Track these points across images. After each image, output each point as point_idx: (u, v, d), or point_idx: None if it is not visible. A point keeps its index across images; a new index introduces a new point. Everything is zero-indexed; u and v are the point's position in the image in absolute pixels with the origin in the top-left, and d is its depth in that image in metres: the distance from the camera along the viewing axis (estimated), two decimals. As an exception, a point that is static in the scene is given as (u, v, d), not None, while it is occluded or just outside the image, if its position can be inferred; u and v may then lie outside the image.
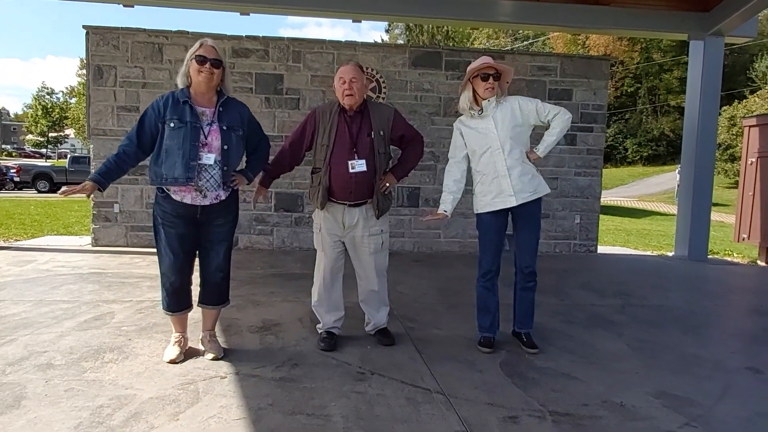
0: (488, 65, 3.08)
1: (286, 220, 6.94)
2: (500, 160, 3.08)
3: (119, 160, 2.73)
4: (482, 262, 3.24)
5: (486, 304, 3.25)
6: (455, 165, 3.26)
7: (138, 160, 2.79)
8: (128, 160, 2.75)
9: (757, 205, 7.33)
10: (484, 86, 3.08)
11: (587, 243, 7.53)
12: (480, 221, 3.25)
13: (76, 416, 2.19)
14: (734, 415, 2.46)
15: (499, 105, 3.14)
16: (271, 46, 6.79)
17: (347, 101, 3.00)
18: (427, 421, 2.28)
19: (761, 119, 7.63)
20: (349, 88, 2.97)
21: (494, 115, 3.11)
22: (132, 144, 2.73)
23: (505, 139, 3.08)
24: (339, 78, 3.02)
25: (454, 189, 3.24)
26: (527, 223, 3.18)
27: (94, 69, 6.55)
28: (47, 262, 5.45)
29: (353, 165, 2.98)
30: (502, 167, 3.08)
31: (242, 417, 2.24)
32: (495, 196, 3.12)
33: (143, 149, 2.75)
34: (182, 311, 2.94)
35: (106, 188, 2.77)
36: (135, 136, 2.73)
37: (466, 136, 3.20)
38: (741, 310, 4.80)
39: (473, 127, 3.17)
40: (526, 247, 3.20)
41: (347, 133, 3.01)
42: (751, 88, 34.61)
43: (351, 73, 2.98)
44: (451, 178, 3.26)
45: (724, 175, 26.88)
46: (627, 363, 3.10)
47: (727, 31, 7.11)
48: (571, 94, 7.30)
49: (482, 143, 3.12)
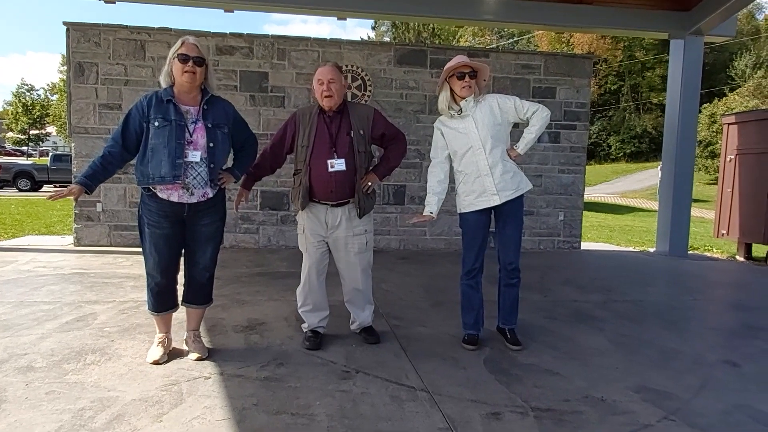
0: (463, 64, 3.10)
1: (272, 218, 6.91)
2: (482, 159, 3.10)
3: (105, 162, 2.70)
4: (465, 261, 3.27)
5: (470, 302, 3.28)
6: (438, 166, 3.27)
7: (124, 161, 2.76)
8: (114, 162, 2.72)
9: (735, 202, 7.47)
10: (461, 85, 3.10)
11: (571, 239, 7.62)
12: (463, 221, 3.27)
13: (57, 419, 2.16)
14: (712, 408, 2.51)
15: (478, 104, 3.16)
16: (255, 43, 6.75)
17: (326, 102, 3.01)
18: (411, 418, 2.30)
19: (740, 117, 7.77)
20: (327, 89, 2.98)
21: (474, 115, 3.13)
22: (117, 145, 2.71)
23: (486, 138, 3.09)
24: (317, 80, 3.02)
25: (438, 190, 3.25)
26: (510, 220, 3.20)
27: (75, 66, 6.45)
28: (28, 262, 5.37)
29: (332, 164, 2.99)
30: (484, 166, 3.10)
31: (226, 417, 2.24)
32: (478, 195, 3.14)
33: (128, 150, 2.73)
34: (168, 311, 2.93)
35: (94, 191, 2.73)
36: (120, 137, 2.71)
37: (447, 136, 3.21)
38: (720, 305, 4.90)
39: (453, 127, 3.18)
40: (510, 243, 3.23)
41: (327, 133, 3.03)
42: (731, 86, 35.25)
43: (329, 74, 2.99)
44: (434, 179, 3.26)
45: (704, 171, 27.33)
46: (608, 358, 3.16)
47: (707, 30, 7.23)
48: (554, 92, 7.37)
49: (463, 143, 3.14)
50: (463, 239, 3.30)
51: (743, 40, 37.01)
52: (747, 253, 7.50)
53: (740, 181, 7.40)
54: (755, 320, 4.16)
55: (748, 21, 41.59)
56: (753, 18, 43.20)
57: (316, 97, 3.07)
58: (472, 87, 3.11)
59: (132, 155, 2.75)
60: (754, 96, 29.81)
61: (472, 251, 3.24)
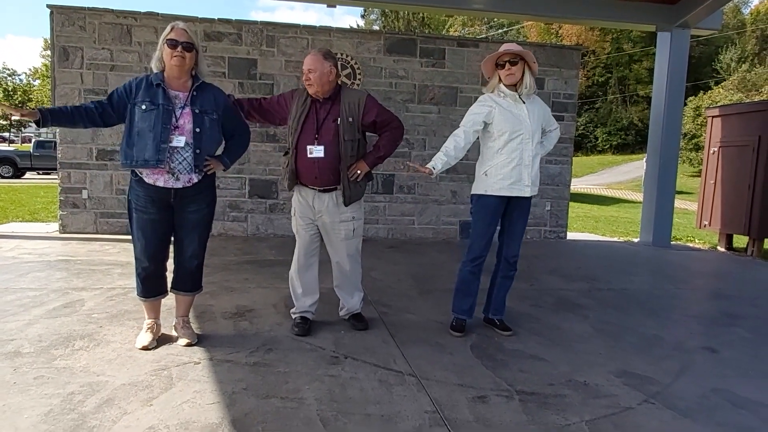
0: (502, 53, 3.12)
1: (261, 206, 6.89)
2: (528, 149, 3.12)
3: (76, 108, 2.70)
4: (474, 247, 3.24)
5: (468, 288, 3.29)
6: (464, 134, 3.12)
7: (93, 121, 2.73)
8: (86, 113, 2.70)
9: (718, 193, 7.60)
10: (504, 74, 3.12)
11: (557, 230, 7.71)
12: (483, 203, 3.20)
13: (46, 403, 2.17)
14: (690, 392, 2.59)
15: (530, 97, 3.19)
16: (244, 29, 6.68)
17: (310, 90, 3.06)
18: (399, 402, 2.35)
19: (723, 110, 7.89)
20: (306, 78, 3.02)
21: (528, 105, 3.15)
22: (100, 104, 2.72)
23: (536, 130, 3.14)
24: (303, 69, 3.06)
25: (452, 154, 3.11)
26: (523, 215, 3.27)
27: (60, 50, 6.33)
28: (12, 249, 5.31)
29: (311, 150, 3.01)
30: (528, 157, 3.12)
31: (216, 401, 2.26)
32: (513, 182, 3.12)
33: (106, 114, 2.73)
34: (156, 297, 2.93)
35: (46, 123, 2.65)
36: (107, 101, 2.74)
37: (498, 114, 3.11)
38: (701, 294, 5.01)
39: (507, 107, 3.12)
40: (517, 237, 3.29)
41: (314, 119, 3.05)
42: (716, 79, 35.68)
43: (308, 63, 3.01)
44: (454, 144, 3.11)
45: (689, 164, 27.70)
46: (591, 344, 3.23)
47: (693, 23, 7.30)
48: (542, 83, 7.40)
49: (515, 127, 3.09)
50: (475, 224, 3.24)
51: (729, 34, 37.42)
52: (728, 244, 7.66)
53: (723, 173, 7.53)
54: (734, 308, 4.27)
55: (734, 15, 42.02)
56: (739, 12, 43.67)
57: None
58: (515, 74, 3.10)
59: (104, 121, 2.75)
60: (739, 89, 30.23)
61: (484, 238, 3.23)
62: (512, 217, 3.26)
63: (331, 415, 2.19)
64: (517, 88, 3.15)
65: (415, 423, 2.17)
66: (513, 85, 3.15)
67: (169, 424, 2.07)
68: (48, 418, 2.06)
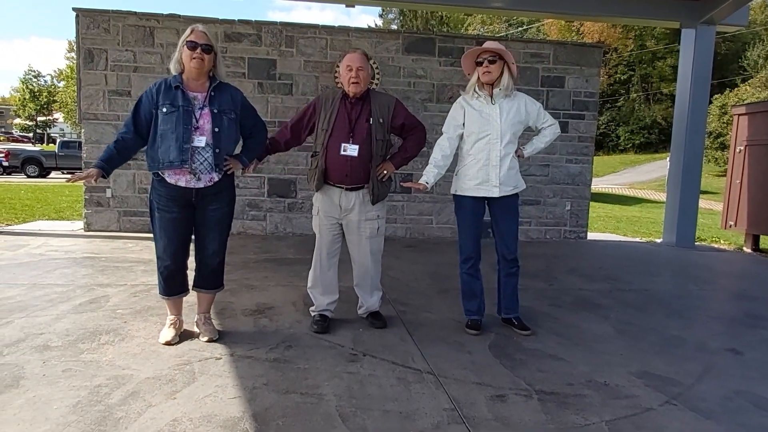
0: (480, 50, 3.13)
1: (279, 205, 6.96)
2: (495, 149, 3.13)
3: (119, 146, 2.77)
4: (463, 249, 3.32)
5: (471, 290, 3.34)
6: (447, 140, 3.26)
7: (137, 146, 2.83)
8: (128, 146, 2.79)
9: (744, 193, 7.43)
10: (481, 71, 3.14)
11: (577, 229, 7.63)
12: (459, 204, 3.31)
13: (74, 395, 2.24)
14: (713, 394, 2.55)
15: (508, 97, 3.18)
16: (263, 30, 6.75)
17: (353, 89, 3.06)
18: (418, 399, 2.36)
19: (750, 107, 7.71)
20: (356, 76, 3.03)
21: (501, 105, 3.15)
22: (129, 131, 2.78)
23: (506, 131, 3.13)
24: (346, 65, 3.07)
25: (441, 164, 3.25)
26: (507, 214, 3.27)
27: (85, 52, 6.49)
28: (40, 246, 5.46)
29: (345, 148, 3.04)
30: (495, 157, 3.13)
31: (237, 396, 2.30)
32: (480, 183, 3.18)
33: (141, 135, 2.79)
34: (178, 295, 2.99)
35: (110, 174, 2.79)
36: (131, 123, 2.78)
37: (468, 115, 3.20)
38: (725, 295, 4.91)
39: (477, 108, 3.18)
40: (508, 234, 3.29)
41: (347, 119, 3.08)
42: (743, 76, 34.79)
43: (358, 61, 3.04)
44: (440, 152, 3.25)
45: (714, 163, 27.11)
46: (611, 344, 3.20)
47: (719, 19, 7.15)
48: (563, 81, 7.34)
49: (482, 128, 3.15)
50: (459, 225, 3.34)
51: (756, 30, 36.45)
52: (754, 245, 7.48)
53: (749, 172, 7.36)
54: (759, 310, 4.18)
55: (761, 10, 40.92)
56: (767, 8, 42.50)
57: (342, 83, 3.12)
58: (492, 72, 3.11)
59: (145, 141, 2.81)
60: (766, 87, 29.44)
61: (470, 238, 3.28)
62: (497, 216, 3.28)
63: (350, 411, 2.21)
64: (493, 88, 3.16)
65: (433, 420, 2.18)
66: (491, 83, 3.15)
67: (192, 417, 2.11)
68: (76, 409, 2.13)
